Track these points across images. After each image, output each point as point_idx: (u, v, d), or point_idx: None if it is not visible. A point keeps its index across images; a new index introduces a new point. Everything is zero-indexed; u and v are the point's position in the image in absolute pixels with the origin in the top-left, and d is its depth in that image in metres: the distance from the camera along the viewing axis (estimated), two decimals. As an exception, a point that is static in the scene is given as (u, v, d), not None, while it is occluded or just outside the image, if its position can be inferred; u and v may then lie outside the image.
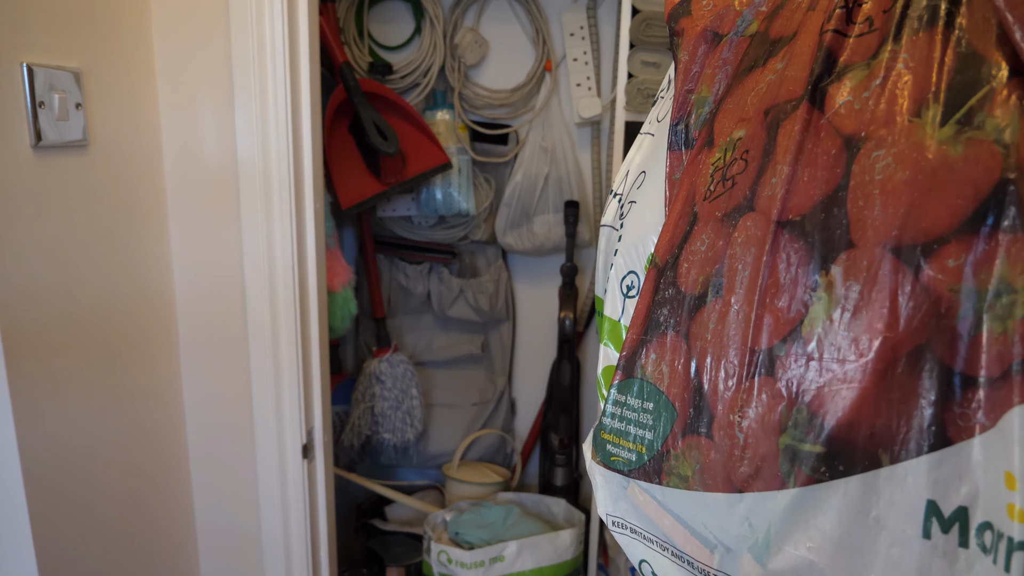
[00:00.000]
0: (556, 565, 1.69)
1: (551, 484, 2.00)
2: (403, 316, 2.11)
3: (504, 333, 2.12)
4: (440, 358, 2.12)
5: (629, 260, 0.67)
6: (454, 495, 2.00)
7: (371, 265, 1.98)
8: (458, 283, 2.01)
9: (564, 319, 1.89)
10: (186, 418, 1.31)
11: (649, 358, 0.53)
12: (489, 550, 1.64)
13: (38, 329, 0.95)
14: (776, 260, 0.44)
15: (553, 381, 2.00)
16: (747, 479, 0.44)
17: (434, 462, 2.12)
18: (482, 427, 2.10)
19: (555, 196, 1.91)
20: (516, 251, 1.98)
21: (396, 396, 1.95)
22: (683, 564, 0.50)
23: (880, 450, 0.38)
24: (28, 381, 0.93)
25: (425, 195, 1.87)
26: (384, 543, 1.93)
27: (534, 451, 2.21)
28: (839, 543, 0.40)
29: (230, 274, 1.24)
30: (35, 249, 0.94)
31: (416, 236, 2.00)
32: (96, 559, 1.10)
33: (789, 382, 0.42)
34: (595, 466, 0.58)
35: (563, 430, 1.97)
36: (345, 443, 1.98)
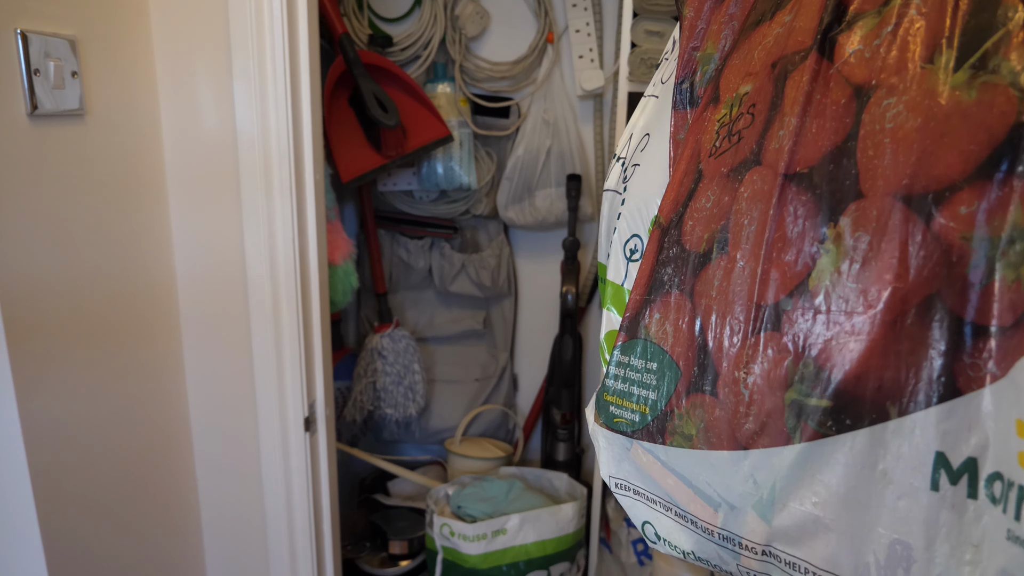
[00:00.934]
0: (558, 538, 1.70)
1: (553, 459, 2.01)
2: (405, 292, 2.10)
3: (506, 308, 2.11)
4: (442, 334, 2.11)
5: (632, 223, 0.66)
6: (456, 470, 2.00)
7: (372, 240, 1.97)
8: (460, 258, 2.00)
9: (566, 294, 1.89)
10: (188, 391, 1.31)
11: (653, 318, 0.53)
12: (491, 523, 1.64)
13: (38, 303, 0.94)
14: (783, 214, 0.43)
15: (555, 356, 2.00)
16: (752, 436, 0.44)
17: (436, 437, 2.13)
18: (484, 402, 2.10)
19: (557, 170, 1.89)
20: (518, 226, 1.97)
21: (398, 371, 1.95)
22: (686, 524, 0.49)
23: (888, 403, 0.37)
24: (29, 357, 0.92)
25: (426, 169, 1.86)
26: (387, 517, 1.94)
27: (536, 426, 2.22)
28: (845, 498, 0.39)
29: (230, 246, 1.23)
30: (33, 219, 0.93)
31: (417, 211, 1.98)
32: (100, 531, 1.10)
33: (796, 336, 0.41)
34: (598, 428, 0.57)
35: (565, 405, 1.97)
36: (347, 418, 1.98)
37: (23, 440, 0.93)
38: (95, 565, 1.09)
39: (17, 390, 0.91)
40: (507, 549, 1.64)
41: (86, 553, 1.07)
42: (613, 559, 1.80)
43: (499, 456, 1.98)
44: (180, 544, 1.34)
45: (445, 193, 1.95)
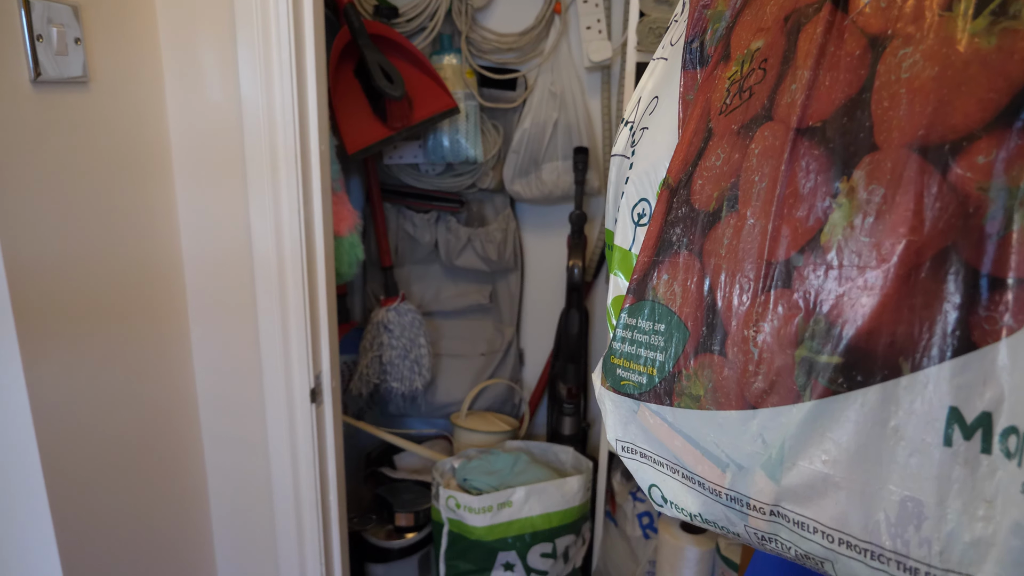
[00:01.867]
0: (563, 511, 1.70)
1: (559, 433, 2.01)
2: (411, 266, 2.10)
3: (512, 283, 2.11)
4: (448, 308, 2.11)
5: (640, 187, 0.65)
6: (462, 443, 2.01)
7: (378, 213, 1.97)
8: (466, 232, 2.00)
9: (573, 268, 1.88)
10: (194, 363, 1.31)
11: (661, 279, 0.52)
12: (497, 495, 1.65)
13: (43, 274, 0.94)
14: (795, 169, 0.42)
15: (561, 331, 2.00)
16: (761, 394, 0.43)
17: (442, 411, 2.13)
18: (490, 377, 2.11)
19: (564, 143, 1.88)
20: (524, 199, 1.96)
21: (404, 345, 1.95)
22: (693, 485, 0.49)
23: (900, 358, 0.37)
24: (35, 330, 0.92)
25: (432, 142, 1.85)
26: (393, 490, 1.95)
27: (542, 401, 2.22)
28: (855, 455, 0.39)
29: (235, 217, 1.23)
30: (39, 189, 0.92)
31: (423, 184, 1.98)
32: (107, 501, 1.11)
33: (806, 293, 0.41)
34: (604, 392, 0.57)
35: (571, 379, 1.97)
36: (354, 392, 1.99)
37: (31, 412, 0.93)
38: (103, 534, 1.10)
39: (24, 363, 0.91)
40: (512, 521, 1.65)
41: (94, 522, 1.08)
42: (618, 532, 1.80)
43: (505, 430, 1.98)
44: (187, 514, 1.35)
45: (451, 166, 1.94)
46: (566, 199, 1.96)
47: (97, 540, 1.09)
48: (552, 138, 1.88)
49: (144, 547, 1.21)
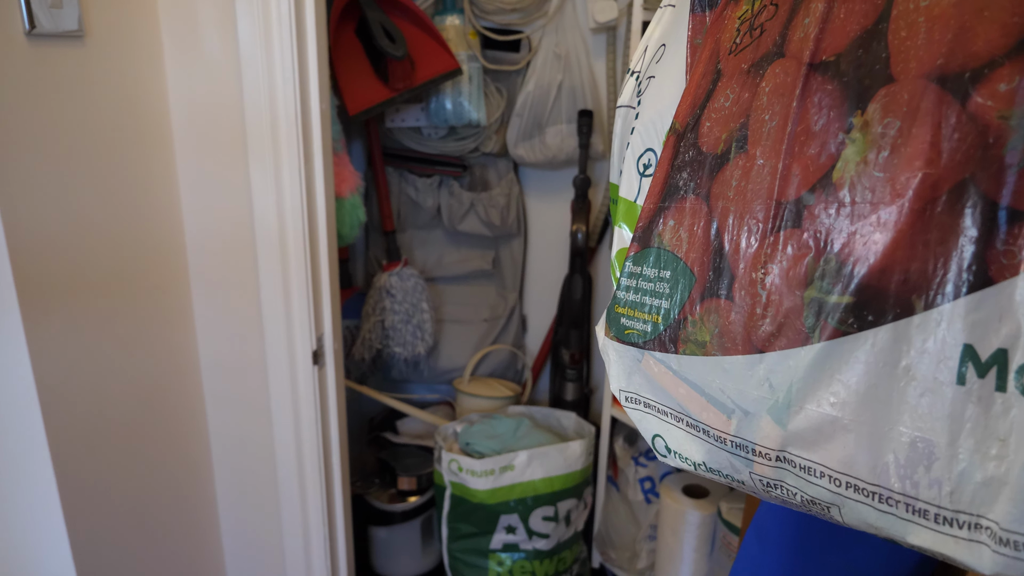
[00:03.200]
0: (566, 475, 1.71)
1: (561, 399, 2.01)
2: (413, 231, 2.09)
3: (515, 248, 2.09)
4: (450, 273, 2.10)
5: (647, 137, 0.64)
6: (465, 409, 2.01)
7: (380, 177, 1.95)
8: (469, 197, 1.98)
9: (576, 232, 1.87)
10: (196, 325, 1.31)
11: (667, 225, 0.51)
12: (499, 459, 1.65)
13: (39, 230, 0.93)
14: (807, 105, 0.41)
15: (564, 296, 1.99)
16: (769, 338, 0.42)
17: (445, 377, 2.13)
18: (493, 343, 2.10)
19: (568, 105, 1.86)
20: (528, 163, 1.94)
21: (407, 310, 1.95)
22: (698, 434, 0.48)
23: (914, 296, 0.36)
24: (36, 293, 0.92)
25: (434, 104, 1.83)
26: (395, 454, 1.96)
27: (545, 367, 2.22)
28: (865, 396, 0.38)
29: (235, 175, 1.21)
30: (36, 144, 0.91)
31: (425, 148, 1.96)
32: (111, 465, 1.11)
33: (817, 232, 0.39)
34: (608, 342, 0.56)
35: (574, 345, 1.96)
36: (356, 357, 1.99)
37: (34, 378, 0.93)
38: (107, 498, 1.10)
39: (26, 328, 0.91)
40: (515, 485, 1.66)
41: (97, 484, 1.08)
42: (620, 497, 1.81)
43: (507, 396, 1.98)
44: (191, 476, 1.35)
45: (454, 130, 1.92)
46: (570, 163, 1.94)
47: (100, 502, 1.09)
48: (556, 101, 1.85)
49: (148, 509, 1.21)
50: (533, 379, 2.18)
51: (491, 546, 1.71)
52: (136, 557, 1.19)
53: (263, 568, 1.49)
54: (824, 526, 0.62)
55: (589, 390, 2.07)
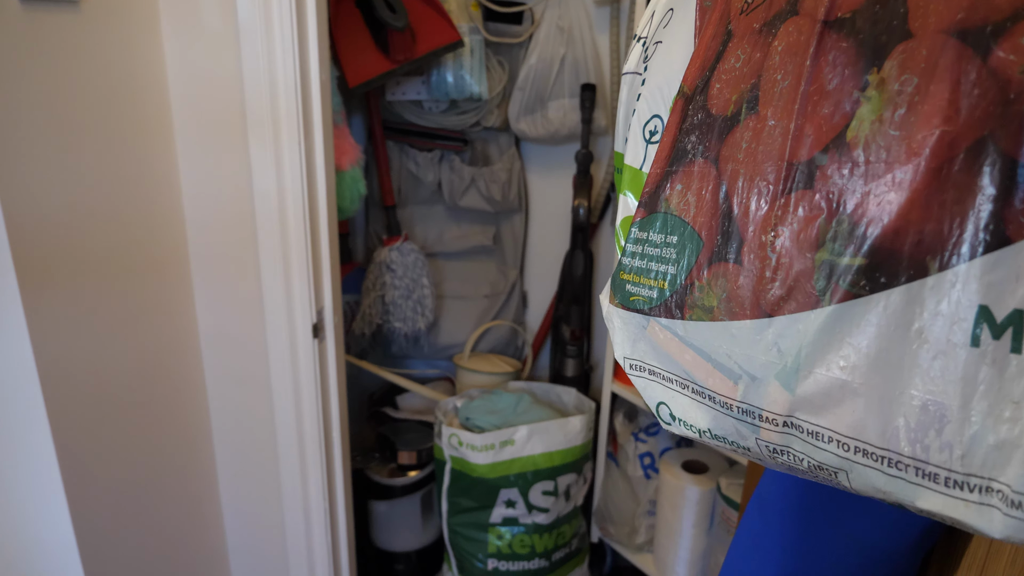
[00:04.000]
0: (565, 450, 1.71)
1: (561, 375, 2.01)
2: (413, 206, 2.08)
3: (516, 224, 2.08)
4: (451, 249, 2.09)
5: (653, 104, 0.63)
6: (465, 384, 2.01)
7: (380, 151, 1.93)
8: (470, 172, 1.97)
9: (578, 208, 1.85)
10: (195, 299, 1.30)
11: (674, 189, 0.50)
12: (499, 434, 1.65)
13: (36, 202, 0.92)
14: (821, 64, 0.40)
15: (565, 272, 1.98)
16: (778, 302, 0.41)
17: (445, 353, 2.13)
18: (493, 319, 2.10)
19: (571, 80, 1.84)
20: (530, 138, 1.93)
21: (407, 285, 1.94)
22: (704, 400, 0.48)
23: (928, 257, 0.35)
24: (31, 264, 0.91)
25: (436, 77, 1.81)
26: (395, 429, 1.96)
27: (545, 344, 2.22)
28: (876, 360, 0.37)
29: (234, 148, 1.20)
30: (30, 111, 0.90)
31: (426, 122, 1.94)
32: (111, 439, 1.11)
33: (830, 193, 0.39)
34: (612, 309, 0.55)
35: (575, 322, 1.96)
36: (356, 332, 1.98)
37: (33, 354, 0.92)
38: (108, 473, 1.10)
39: (25, 304, 0.90)
40: (515, 459, 1.66)
41: (98, 460, 1.08)
42: (620, 472, 1.82)
43: (507, 371, 1.98)
44: (191, 451, 1.35)
45: (455, 103, 1.91)
46: (572, 138, 1.92)
47: (101, 477, 1.09)
48: (559, 75, 1.83)
49: (148, 483, 1.21)
50: (533, 355, 2.18)
51: (491, 520, 1.72)
52: (137, 531, 1.19)
53: (264, 541, 1.50)
54: (827, 498, 0.61)
55: (589, 366, 2.07)
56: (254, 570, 1.53)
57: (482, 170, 1.97)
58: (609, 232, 2.04)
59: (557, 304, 2.07)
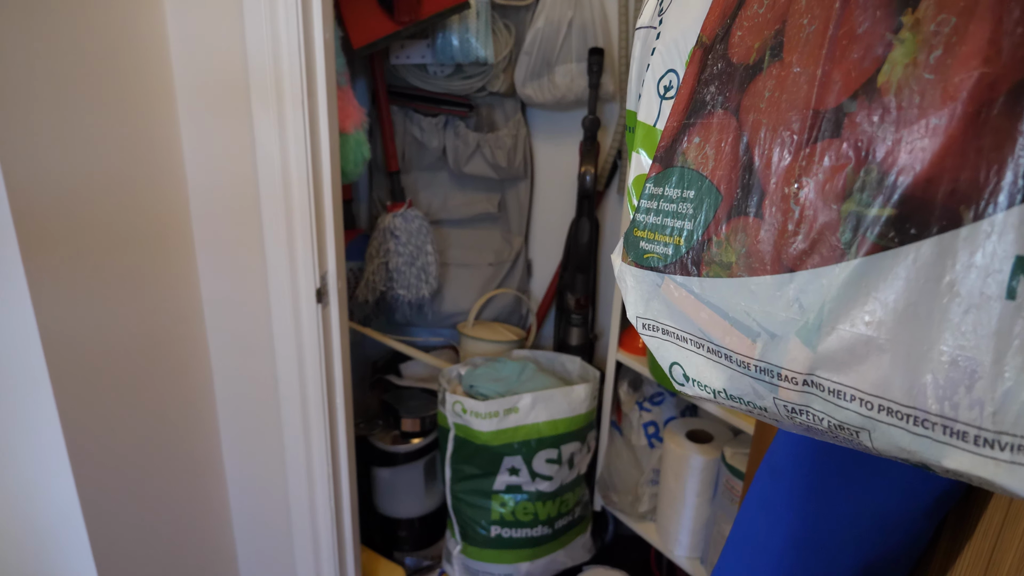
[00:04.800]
0: (569, 418, 1.71)
1: (566, 344, 2.00)
2: (418, 172, 2.05)
3: (522, 191, 2.06)
4: (456, 216, 2.08)
5: (668, 58, 0.60)
6: (468, 352, 2.00)
7: (384, 115, 1.91)
8: (475, 137, 1.94)
9: (584, 174, 1.83)
10: (198, 264, 1.29)
11: (692, 142, 0.48)
12: (503, 401, 1.65)
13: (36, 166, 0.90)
14: (851, 6, 0.38)
15: (571, 240, 1.96)
16: (800, 256, 0.40)
17: (448, 321, 2.12)
18: (497, 287, 2.09)
19: (579, 44, 1.80)
20: (536, 104, 1.90)
21: (411, 252, 1.93)
22: (720, 359, 0.47)
23: (962, 206, 0.33)
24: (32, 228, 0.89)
25: (441, 41, 1.78)
26: (399, 397, 1.96)
27: (549, 313, 2.21)
28: (903, 315, 0.36)
29: (237, 109, 1.18)
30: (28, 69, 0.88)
31: (431, 87, 1.91)
32: (113, 406, 1.10)
33: (858, 141, 0.37)
34: (625, 267, 0.54)
35: (579, 290, 1.95)
36: (360, 298, 1.97)
37: (35, 318, 0.91)
38: (111, 439, 1.10)
39: (26, 268, 0.89)
40: (519, 427, 1.66)
41: (101, 424, 1.07)
42: (623, 441, 1.81)
43: (512, 340, 1.97)
44: (195, 416, 1.35)
45: (460, 68, 1.88)
46: (579, 104, 1.89)
47: (104, 440, 1.08)
48: (566, 39, 1.80)
49: (152, 447, 1.21)
50: (538, 324, 2.17)
51: (494, 487, 1.72)
52: (141, 496, 1.19)
53: (267, 507, 1.50)
54: (839, 462, 0.60)
55: (594, 335, 2.06)
56: (258, 535, 1.53)
57: (487, 136, 1.94)
58: (616, 200, 2.02)
59: (562, 272, 2.05)
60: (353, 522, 1.58)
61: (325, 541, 1.53)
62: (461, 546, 1.81)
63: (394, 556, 2.03)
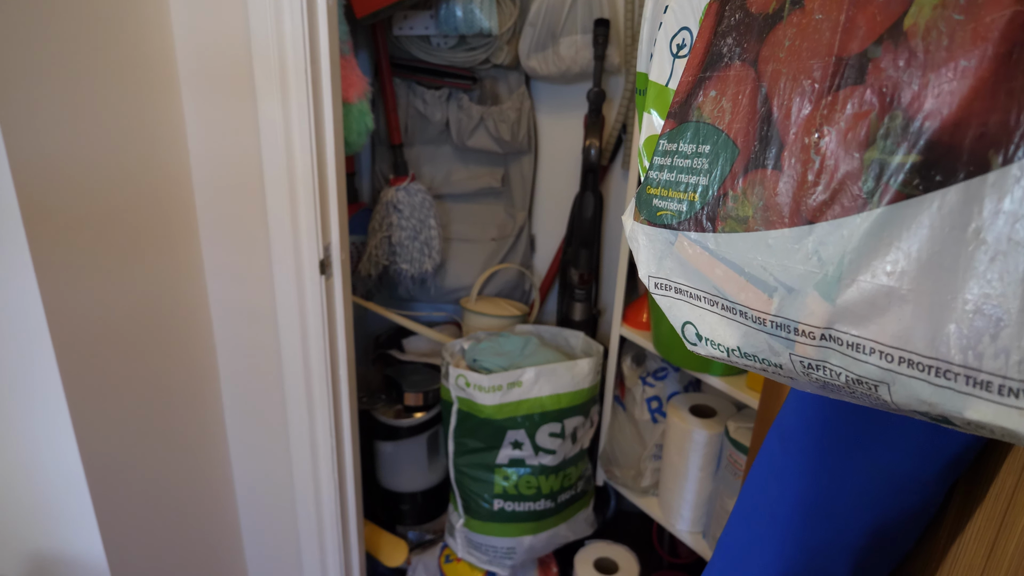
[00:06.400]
0: (573, 392, 1.70)
1: (569, 319, 2.00)
2: (421, 146, 2.04)
3: (525, 166, 2.05)
4: (459, 191, 2.06)
5: (682, 15, 0.59)
6: (471, 327, 2.00)
7: (387, 87, 1.89)
8: (478, 110, 1.92)
9: (589, 147, 1.82)
10: (201, 234, 1.28)
11: (708, 96, 0.47)
12: (507, 375, 1.65)
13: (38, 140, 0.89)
14: (876, -52, 0.37)
15: (575, 214, 1.95)
16: (820, 207, 0.39)
17: (451, 296, 2.12)
18: (500, 262, 2.08)
19: (584, 15, 1.78)
20: (540, 76, 1.88)
21: (414, 226, 1.92)
22: (735, 316, 0.46)
23: (991, 151, 0.32)
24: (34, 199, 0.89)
25: (444, 11, 1.76)
26: (402, 371, 1.96)
27: (552, 288, 2.20)
28: (927, 264, 0.35)
29: (238, 77, 1.17)
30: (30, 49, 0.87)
31: (434, 58, 1.89)
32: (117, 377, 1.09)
33: (883, 87, 0.36)
34: (638, 226, 0.53)
35: (583, 265, 1.94)
36: (362, 273, 1.97)
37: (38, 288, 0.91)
38: (114, 408, 1.10)
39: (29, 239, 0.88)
40: (522, 401, 1.66)
41: (104, 395, 1.07)
42: (626, 416, 1.81)
43: (515, 315, 1.97)
44: (198, 386, 1.34)
45: (464, 39, 1.85)
46: (584, 77, 1.87)
47: (108, 410, 1.08)
48: (571, 9, 1.78)
49: (155, 418, 1.21)
50: (541, 299, 2.16)
51: (497, 461, 1.72)
52: (144, 465, 1.19)
53: (271, 480, 1.50)
54: (850, 426, 0.60)
55: (597, 311, 2.06)
56: (261, 507, 1.54)
57: (491, 109, 1.93)
58: (620, 175, 2.01)
59: (565, 248, 2.04)
60: (356, 495, 1.58)
61: (329, 514, 1.53)
62: (464, 520, 1.82)
63: (397, 530, 2.04)
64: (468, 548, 1.84)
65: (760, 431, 1.18)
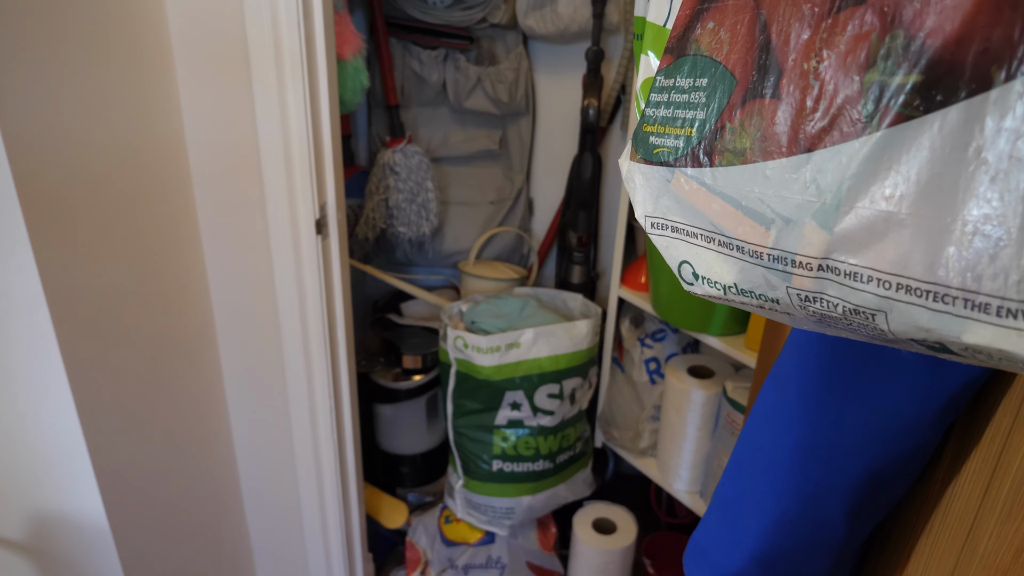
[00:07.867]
0: (571, 354, 1.71)
1: (568, 282, 2.00)
2: (417, 108, 2.02)
3: (523, 128, 2.03)
4: (456, 153, 2.05)
5: (680, -47, 0.58)
6: (469, 291, 2.00)
7: (383, 47, 1.87)
8: (475, 71, 1.90)
9: (588, 108, 1.80)
10: (195, 195, 1.27)
11: (705, 28, 0.46)
12: (505, 336, 1.65)
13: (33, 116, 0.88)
14: None
15: (573, 177, 1.94)
16: (819, 134, 0.38)
17: (449, 260, 2.11)
18: (498, 225, 2.07)
19: (582, -29, 1.75)
20: (538, 36, 1.86)
21: (411, 188, 1.90)
22: (731, 252, 0.45)
23: (994, 67, 0.32)
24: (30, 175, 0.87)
25: (440, -32, 1.73)
26: (400, 335, 1.96)
27: (551, 252, 2.19)
28: (926, 187, 0.34)
29: (231, 13, 1.15)
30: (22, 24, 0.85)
31: (431, 18, 1.86)
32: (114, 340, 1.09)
33: (884, 6, 0.35)
34: (634, 166, 0.52)
35: (582, 228, 1.93)
36: (359, 236, 1.96)
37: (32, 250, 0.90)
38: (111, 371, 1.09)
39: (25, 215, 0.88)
40: (520, 362, 1.66)
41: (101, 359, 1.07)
42: (624, 378, 1.82)
43: (513, 278, 1.97)
44: (195, 347, 1.34)
45: (461, -3, 1.83)
46: (582, 36, 1.85)
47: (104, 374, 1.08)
48: (569, -34, 1.75)
49: (152, 380, 1.21)
50: (539, 262, 2.16)
51: (496, 422, 1.73)
52: (144, 426, 1.19)
53: (271, 442, 1.51)
54: (847, 368, 0.60)
55: (596, 274, 2.05)
56: (261, 469, 1.55)
57: (488, 70, 1.90)
58: (619, 136, 1.99)
59: (564, 210, 2.03)
60: (356, 457, 1.59)
61: (329, 476, 1.54)
62: (463, 481, 1.83)
63: (397, 492, 2.05)
64: (467, 509, 1.85)
65: (758, 390, 1.18)
